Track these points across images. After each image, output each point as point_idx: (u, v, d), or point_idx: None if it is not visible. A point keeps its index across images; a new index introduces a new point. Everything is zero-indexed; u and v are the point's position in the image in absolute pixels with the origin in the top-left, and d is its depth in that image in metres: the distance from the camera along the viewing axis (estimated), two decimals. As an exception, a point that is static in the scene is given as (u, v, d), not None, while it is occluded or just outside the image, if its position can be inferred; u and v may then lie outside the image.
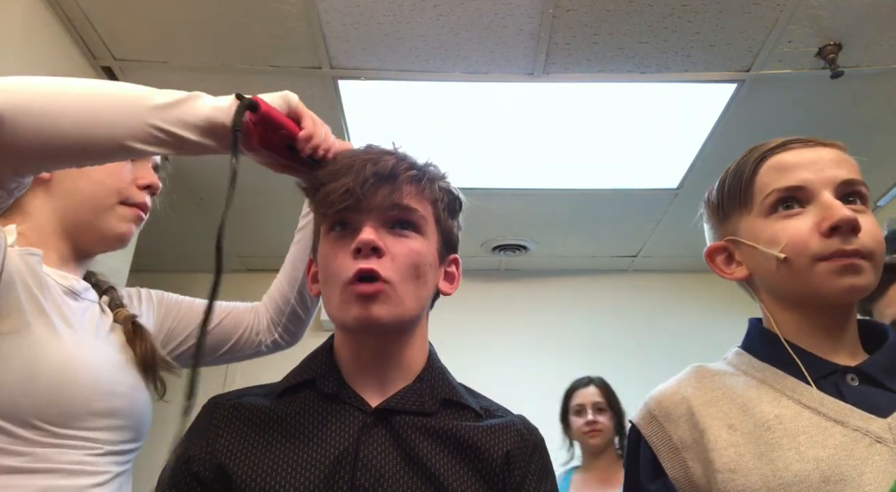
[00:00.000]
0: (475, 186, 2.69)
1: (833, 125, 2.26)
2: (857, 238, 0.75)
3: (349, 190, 0.74)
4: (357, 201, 0.75)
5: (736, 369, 0.84)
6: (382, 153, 0.80)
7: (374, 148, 0.82)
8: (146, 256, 2.51)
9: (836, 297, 0.76)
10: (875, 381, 0.74)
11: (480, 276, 3.50)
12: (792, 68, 2.01)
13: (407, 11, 1.80)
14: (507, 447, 0.76)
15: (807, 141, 0.82)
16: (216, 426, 0.77)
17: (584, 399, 2.36)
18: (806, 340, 0.80)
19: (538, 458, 0.79)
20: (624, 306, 3.42)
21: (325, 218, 0.80)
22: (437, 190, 0.83)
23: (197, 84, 2.07)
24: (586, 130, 2.35)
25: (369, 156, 0.78)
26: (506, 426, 0.79)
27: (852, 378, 0.75)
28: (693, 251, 3.73)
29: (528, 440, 0.79)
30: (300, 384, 0.80)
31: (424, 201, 0.81)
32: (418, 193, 0.79)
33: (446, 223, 0.85)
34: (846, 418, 0.72)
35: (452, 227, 0.87)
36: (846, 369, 0.76)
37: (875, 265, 0.76)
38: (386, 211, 0.77)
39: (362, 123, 2.29)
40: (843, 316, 0.80)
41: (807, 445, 0.71)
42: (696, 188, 2.64)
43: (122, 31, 1.87)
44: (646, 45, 1.93)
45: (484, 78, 2.05)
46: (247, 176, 2.58)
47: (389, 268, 0.74)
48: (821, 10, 1.79)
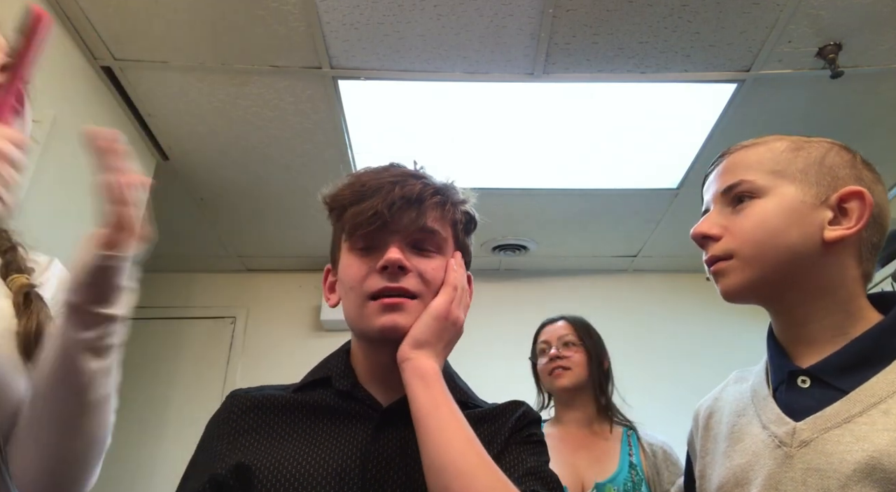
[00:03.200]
0: (475, 185, 2.68)
1: (833, 125, 2.26)
2: (715, 245, 0.80)
3: (377, 212, 0.78)
4: (384, 224, 0.79)
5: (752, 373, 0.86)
6: (408, 176, 0.83)
7: (398, 167, 0.86)
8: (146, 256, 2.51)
9: (727, 301, 0.80)
10: (822, 381, 0.73)
11: (480, 276, 3.46)
12: (792, 68, 2.01)
13: (407, 11, 1.80)
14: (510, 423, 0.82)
15: (718, 157, 0.87)
16: (236, 416, 0.81)
17: (549, 335, 1.86)
18: (784, 341, 0.80)
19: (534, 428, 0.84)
20: (624, 306, 3.42)
21: (351, 236, 0.83)
22: (458, 212, 0.88)
23: (197, 84, 2.09)
24: (586, 130, 2.35)
25: (395, 178, 0.82)
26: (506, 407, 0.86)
27: (803, 380, 0.74)
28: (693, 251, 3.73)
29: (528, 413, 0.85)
30: (317, 381, 0.85)
31: (446, 224, 0.85)
32: (441, 216, 0.84)
33: (464, 242, 0.90)
34: (770, 424, 0.74)
35: (468, 245, 0.92)
36: (796, 371, 0.75)
37: (748, 259, 0.76)
38: (411, 233, 0.81)
39: (362, 123, 2.30)
40: (789, 313, 0.78)
41: (739, 452, 0.75)
42: (696, 188, 2.62)
43: (122, 31, 1.87)
44: (646, 45, 1.93)
45: (484, 78, 2.05)
46: (247, 176, 2.59)
47: (414, 284, 0.80)
48: (821, 10, 1.79)
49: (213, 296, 3.25)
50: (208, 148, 2.37)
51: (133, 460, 2.84)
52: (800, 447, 0.69)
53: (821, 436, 0.68)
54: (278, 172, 2.51)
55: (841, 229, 0.74)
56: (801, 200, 0.75)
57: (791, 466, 0.68)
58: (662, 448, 1.69)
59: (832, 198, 0.75)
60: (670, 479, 1.61)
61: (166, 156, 2.41)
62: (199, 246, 3.02)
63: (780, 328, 0.80)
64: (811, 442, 0.68)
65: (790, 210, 0.75)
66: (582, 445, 1.72)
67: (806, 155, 0.78)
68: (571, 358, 1.78)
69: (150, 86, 2.09)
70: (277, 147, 2.38)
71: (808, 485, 0.66)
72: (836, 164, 0.77)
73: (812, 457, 0.67)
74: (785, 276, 0.75)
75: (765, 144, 0.82)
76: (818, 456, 0.67)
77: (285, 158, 2.42)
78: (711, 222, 0.81)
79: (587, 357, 1.79)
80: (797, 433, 0.70)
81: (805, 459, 0.68)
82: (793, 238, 0.74)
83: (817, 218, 0.75)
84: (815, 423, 0.69)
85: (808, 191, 0.76)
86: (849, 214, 0.75)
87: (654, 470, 1.64)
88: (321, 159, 2.42)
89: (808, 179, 0.76)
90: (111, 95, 2.09)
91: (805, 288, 0.75)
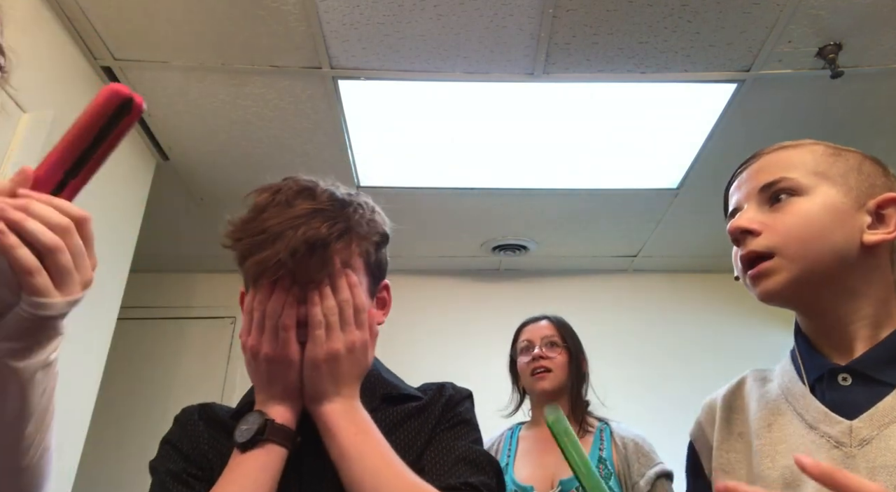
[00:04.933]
0: (475, 185, 2.69)
1: (833, 125, 2.26)
2: (754, 240, 0.77)
3: (279, 262, 0.73)
4: (290, 272, 0.75)
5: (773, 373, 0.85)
6: (311, 215, 0.76)
7: (298, 200, 0.79)
8: (146, 257, 2.52)
9: (766, 303, 0.78)
10: (866, 376, 0.72)
11: (480, 276, 3.50)
12: (792, 68, 2.01)
13: (407, 11, 1.80)
14: (437, 410, 0.83)
15: (752, 157, 0.84)
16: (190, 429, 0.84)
17: (532, 334, 1.84)
18: (817, 340, 0.79)
19: (459, 408, 0.84)
20: (624, 306, 3.42)
21: (255, 283, 0.79)
22: (365, 243, 0.82)
23: (197, 84, 2.09)
24: (586, 130, 2.35)
25: (297, 219, 0.75)
26: (433, 396, 0.86)
27: (844, 378, 0.74)
28: (693, 251, 3.74)
29: (453, 396, 0.86)
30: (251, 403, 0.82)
31: (355, 256, 0.81)
32: (349, 255, 0.80)
33: (375, 263, 0.85)
34: (818, 424, 0.72)
35: (381, 260, 0.87)
36: (836, 368, 0.74)
37: (792, 257, 0.75)
38: (317, 281, 0.77)
39: (362, 123, 2.30)
40: (824, 315, 0.77)
41: (782, 453, 0.73)
42: (696, 188, 2.64)
43: (122, 31, 1.87)
44: (646, 45, 1.93)
45: (484, 78, 2.05)
46: (247, 176, 2.59)
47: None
48: (821, 10, 1.79)
49: (213, 296, 3.26)
50: (208, 148, 2.37)
51: (133, 460, 2.84)
52: (860, 446, 0.67)
53: (881, 432, 0.67)
54: (278, 172, 2.50)
55: (881, 234, 0.75)
56: (843, 202, 0.76)
57: (854, 466, 0.67)
58: (634, 441, 1.66)
59: (870, 204, 0.76)
60: (639, 470, 1.59)
61: (166, 156, 2.42)
62: (199, 246, 3.02)
63: (812, 329, 0.80)
64: (872, 440, 0.67)
65: (835, 211, 0.75)
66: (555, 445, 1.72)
67: (844, 161, 0.79)
68: (554, 359, 1.78)
69: (150, 86, 2.09)
70: (277, 147, 2.38)
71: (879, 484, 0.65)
72: (871, 172, 0.79)
73: (876, 455, 0.66)
74: (825, 276, 0.75)
75: (803, 147, 0.81)
76: (883, 453, 0.66)
77: (285, 158, 2.42)
78: (750, 218, 0.78)
79: (568, 359, 1.80)
80: (854, 432, 0.68)
81: (869, 457, 0.66)
82: (836, 239, 0.74)
83: (857, 222, 0.75)
84: (872, 419, 0.68)
85: (849, 194, 0.76)
86: (886, 220, 0.76)
87: (624, 463, 1.62)
88: (321, 159, 2.42)
89: (848, 184, 0.77)
90: (111, 95, 2.09)
91: (842, 290, 0.75)
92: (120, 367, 2.42)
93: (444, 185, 2.68)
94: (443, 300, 3.38)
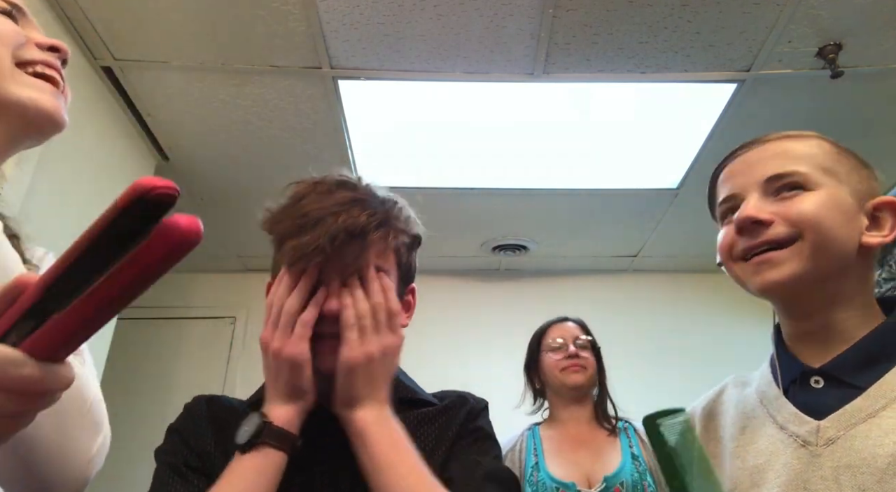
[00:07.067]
0: (475, 185, 2.69)
1: (833, 125, 2.26)
2: (767, 230, 0.74)
3: (318, 247, 0.73)
4: (326, 259, 0.75)
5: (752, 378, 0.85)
6: (351, 203, 0.77)
7: (340, 186, 0.80)
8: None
9: (760, 294, 0.76)
10: (838, 379, 0.72)
11: (480, 276, 3.50)
12: (792, 68, 2.01)
13: (407, 11, 1.80)
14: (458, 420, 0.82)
15: (752, 143, 0.82)
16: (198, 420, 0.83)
17: (563, 333, 1.90)
18: (792, 342, 0.79)
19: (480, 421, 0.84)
20: (624, 306, 3.42)
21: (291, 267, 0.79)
22: (402, 239, 0.83)
23: (197, 84, 2.09)
24: (586, 130, 2.36)
25: (338, 207, 0.76)
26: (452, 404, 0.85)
27: (816, 380, 0.74)
28: (693, 251, 3.73)
29: (474, 407, 0.85)
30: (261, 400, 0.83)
31: (389, 253, 0.81)
32: (384, 249, 0.80)
33: (406, 263, 0.86)
34: (788, 424, 0.73)
35: (412, 262, 0.88)
36: (809, 371, 0.74)
37: (817, 244, 0.72)
38: (352, 271, 0.78)
39: (362, 123, 2.30)
40: (810, 318, 0.76)
41: (753, 454, 0.74)
42: (696, 188, 2.64)
43: (122, 31, 1.87)
44: (646, 45, 1.93)
45: (484, 78, 2.05)
46: (247, 176, 2.58)
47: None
48: (821, 10, 1.79)
49: (213, 296, 3.25)
50: (208, 148, 2.37)
51: (132, 460, 2.84)
52: (826, 445, 0.68)
53: (847, 433, 0.67)
54: (278, 172, 2.51)
55: (878, 237, 0.75)
56: (849, 202, 0.75)
57: (819, 465, 0.67)
58: None
59: (868, 206, 0.76)
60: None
61: (166, 156, 2.41)
62: (199, 246, 3.02)
63: (793, 331, 0.79)
64: (838, 439, 0.67)
65: (844, 209, 0.75)
66: (583, 442, 1.77)
67: (847, 159, 0.79)
68: (588, 359, 1.85)
69: (150, 86, 2.09)
70: (277, 147, 2.38)
71: (842, 483, 0.65)
72: (868, 174, 0.79)
73: (841, 454, 0.66)
74: (827, 275, 0.73)
75: (808, 139, 0.80)
76: (848, 453, 0.66)
77: (285, 158, 2.42)
78: (759, 208, 0.75)
79: (596, 360, 1.88)
80: (822, 431, 0.69)
81: (834, 456, 0.67)
82: (845, 237, 0.74)
83: (859, 222, 0.75)
84: (840, 420, 0.69)
85: (853, 195, 0.76)
86: (881, 223, 0.76)
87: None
88: (321, 159, 2.41)
89: (851, 183, 0.77)
90: (111, 95, 2.09)
91: (835, 293, 0.75)
92: (120, 367, 2.42)
93: (444, 185, 2.68)
94: (443, 300, 3.38)
